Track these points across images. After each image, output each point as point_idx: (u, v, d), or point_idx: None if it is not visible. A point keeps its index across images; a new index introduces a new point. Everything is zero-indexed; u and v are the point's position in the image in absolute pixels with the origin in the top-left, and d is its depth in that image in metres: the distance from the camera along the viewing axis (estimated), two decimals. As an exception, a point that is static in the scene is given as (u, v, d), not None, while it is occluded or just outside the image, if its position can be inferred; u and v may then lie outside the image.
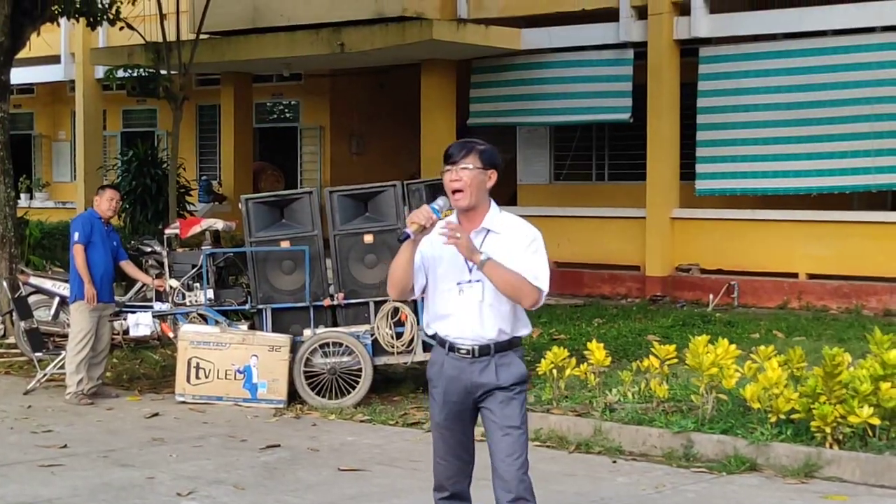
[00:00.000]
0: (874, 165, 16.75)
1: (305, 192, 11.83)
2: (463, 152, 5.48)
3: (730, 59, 18.37)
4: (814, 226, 17.44)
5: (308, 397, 11.24)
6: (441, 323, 5.57)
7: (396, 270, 5.49)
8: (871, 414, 8.14)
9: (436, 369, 5.63)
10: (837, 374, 8.38)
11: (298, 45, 20.23)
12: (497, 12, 20.52)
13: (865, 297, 16.71)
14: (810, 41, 17.61)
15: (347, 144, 25.67)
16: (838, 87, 17.17)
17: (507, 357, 5.52)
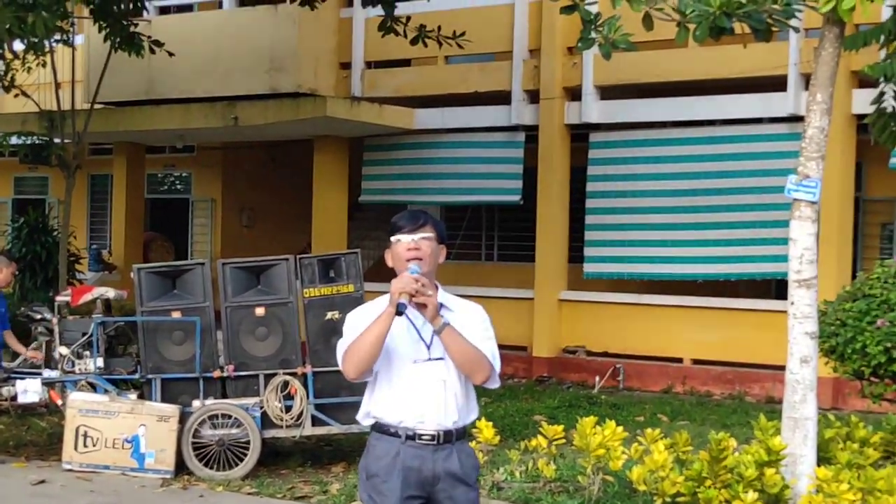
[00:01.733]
0: (759, 254, 17.08)
1: (198, 264, 11.76)
2: (420, 221, 5.25)
3: (619, 144, 18.67)
4: (699, 312, 17.70)
5: (196, 468, 11.11)
6: (394, 408, 5.15)
7: (366, 346, 5.04)
8: (756, 499, 8.20)
9: (385, 462, 5.13)
10: (723, 458, 8.46)
11: (192, 117, 20.17)
12: (391, 91, 20.67)
13: (749, 384, 16.96)
14: (699, 130, 17.99)
15: (238, 217, 25.56)
16: (725, 176, 17.53)
17: (465, 445, 5.27)
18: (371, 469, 5.18)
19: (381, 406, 5.18)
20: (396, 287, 5.02)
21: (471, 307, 5.33)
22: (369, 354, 5.05)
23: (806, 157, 8.85)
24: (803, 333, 8.82)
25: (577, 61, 18.72)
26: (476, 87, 19.97)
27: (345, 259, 11.59)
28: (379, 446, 5.18)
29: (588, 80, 18.62)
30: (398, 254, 5.24)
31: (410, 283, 5.02)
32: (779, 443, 8.54)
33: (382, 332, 5.03)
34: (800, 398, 8.82)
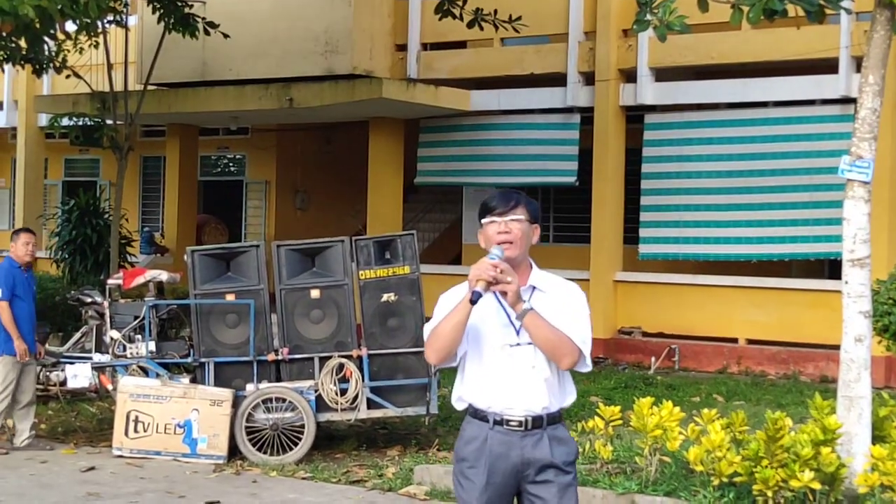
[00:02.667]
0: (812, 234, 17.03)
1: (252, 246, 11.82)
2: (511, 203, 5.07)
3: (674, 126, 18.64)
4: (753, 292, 17.66)
5: (249, 453, 11.17)
6: (483, 393, 5.04)
7: (446, 333, 4.93)
8: (812, 478, 8.21)
9: (474, 447, 5.03)
10: (779, 438, 8.46)
11: (246, 99, 20.27)
12: (447, 73, 20.69)
13: (803, 364, 16.91)
14: (752, 111, 17.96)
15: (292, 199, 25.70)
16: (778, 157, 17.49)
17: (559, 430, 5.07)
18: (460, 453, 5.09)
19: (471, 390, 5.07)
20: (473, 274, 4.89)
21: (565, 287, 5.13)
22: (449, 341, 4.94)
23: (859, 138, 8.84)
24: (857, 313, 8.83)
25: (632, 43, 18.68)
26: (532, 69, 19.96)
27: (400, 240, 11.62)
28: (469, 430, 5.08)
29: (643, 61, 18.60)
30: (489, 236, 5.09)
31: (488, 270, 4.86)
32: (834, 422, 8.54)
33: (461, 321, 4.89)
34: (854, 377, 8.83)
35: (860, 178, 8.84)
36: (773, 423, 8.46)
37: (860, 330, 8.84)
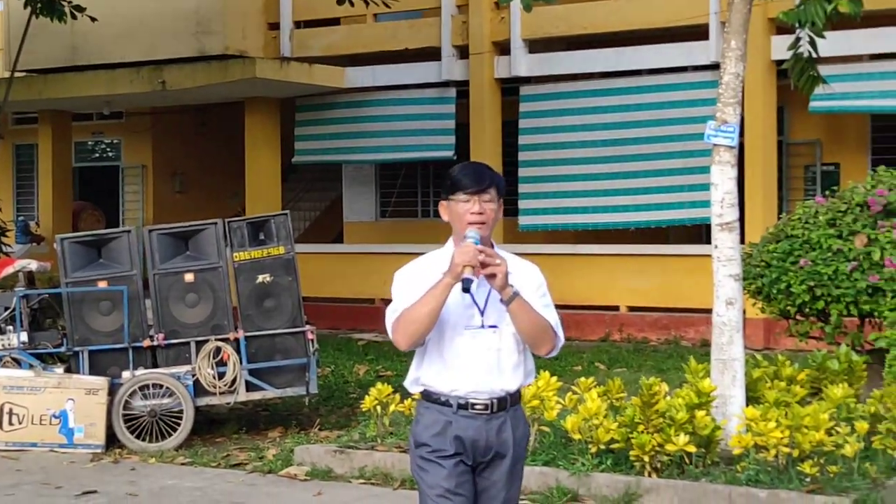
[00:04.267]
0: (688, 200, 17.24)
1: (124, 232, 11.61)
2: (486, 182, 4.81)
3: (549, 97, 18.75)
4: (633, 260, 17.83)
5: (127, 441, 11.02)
6: (446, 376, 4.81)
7: (422, 318, 4.68)
8: (688, 442, 8.31)
9: (435, 431, 4.84)
10: (654, 403, 8.54)
11: (118, 83, 19.97)
12: (320, 51, 20.57)
13: (684, 329, 17.12)
14: (625, 80, 18.15)
15: (170, 183, 25.39)
16: (652, 125, 17.69)
17: (519, 410, 4.97)
18: (420, 438, 4.88)
19: (431, 374, 4.84)
20: (460, 260, 4.62)
21: (527, 268, 4.94)
22: (425, 327, 4.70)
23: (723, 103, 8.94)
24: (727, 276, 8.94)
25: (505, 15, 18.74)
26: (406, 44, 19.95)
27: (274, 221, 11.52)
28: (428, 415, 4.87)
29: (516, 33, 18.69)
30: (458, 213, 4.80)
31: (475, 255, 4.63)
32: (708, 385, 8.65)
33: (439, 305, 4.67)
34: (727, 340, 8.94)
35: (726, 143, 8.93)
36: (647, 389, 8.54)
37: (731, 293, 8.95)
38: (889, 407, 8.57)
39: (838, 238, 9.92)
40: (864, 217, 9.93)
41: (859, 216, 9.96)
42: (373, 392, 9.90)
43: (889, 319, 8.57)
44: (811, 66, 10.54)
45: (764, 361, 9.88)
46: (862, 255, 9.71)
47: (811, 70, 10.51)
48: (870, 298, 9.69)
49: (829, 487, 7.89)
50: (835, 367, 9.67)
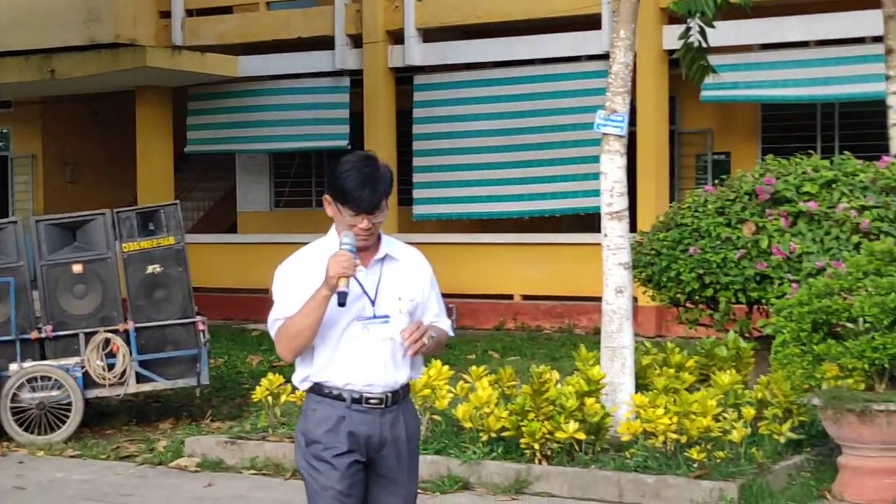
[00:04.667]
0: (581, 189, 17.36)
1: (10, 222, 11.42)
2: (377, 197, 4.62)
3: (443, 86, 18.78)
4: (527, 248, 17.91)
5: (15, 434, 10.83)
6: (338, 371, 4.66)
7: (305, 332, 4.58)
8: (577, 429, 8.37)
9: (327, 427, 4.67)
10: (545, 391, 8.58)
11: (6, 71, 19.61)
12: (213, 39, 20.39)
13: (577, 317, 17.24)
14: (519, 69, 18.23)
15: (61, 173, 24.95)
16: (546, 114, 17.78)
17: (409, 404, 4.88)
18: (311, 435, 4.70)
19: (321, 369, 4.69)
20: (335, 272, 4.49)
21: (415, 256, 4.87)
22: (308, 340, 4.61)
23: (612, 93, 9.00)
24: (617, 264, 9.01)
25: (399, 4, 18.72)
26: (299, 33, 19.84)
27: (164, 211, 11.41)
28: (320, 410, 4.70)
29: (410, 22, 18.66)
30: (346, 223, 4.64)
31: (351, 265, 4.52)
32: (598, 372, 8.71)
33: (320, 317, 4.55)
34: (616, 328, 9.01)
35: (615, 132, 8.99)
36: (538, 377, 8.58)
37: (620, 281, 9.02)
38: (775, 393, 8.70)
39: (727, 226, 10.02)
40: (752, 205, 10.04)
41: (748, 205, 10.06)
42: (264, 383, 9.83)
43: (776, 306, 8.67)
44: (702, 56, 10.67)
45: (653, 349, 9.97)
46: (750, 243, 9.82)
47: (702, 59, 10.63)
48: (757, 286, 9.81)
49: (715, 473, 7.99)
50: (723, 353, 9.78)
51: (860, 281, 8.23)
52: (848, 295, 8.19)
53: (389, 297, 4.72)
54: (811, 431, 8.80)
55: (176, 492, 8.92)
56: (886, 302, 7.81)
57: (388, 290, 4.72)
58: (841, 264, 8.86)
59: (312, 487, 4.71)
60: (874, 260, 8.43)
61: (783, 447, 8.54)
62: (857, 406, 7.83)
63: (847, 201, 9.70)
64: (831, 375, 8.22)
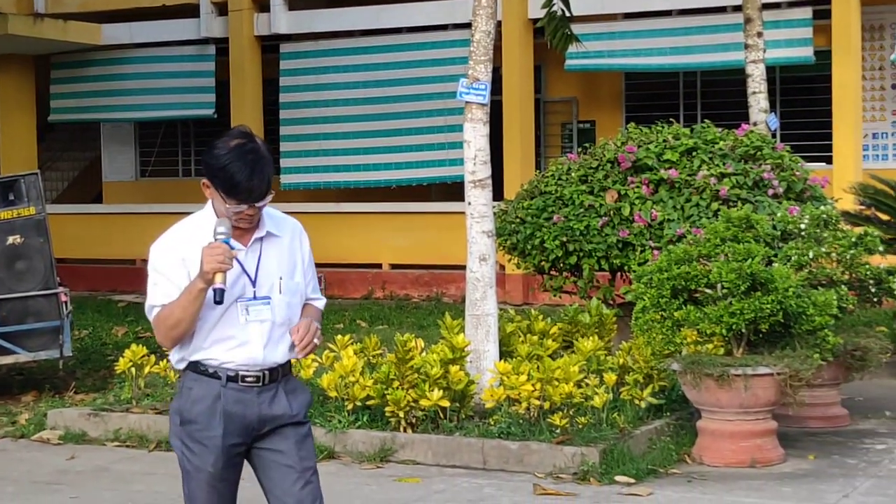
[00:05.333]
0: (448, 158, 17.42)
1: None
2: (265, 185, 4.47)
3: (309, 55, 18.70)
4: (395, 217, 17.93)
5: None
6: (217, 349, 4.54)
7: (183, 324, 4.46)
8: (442, 397, 8.40)
9: (203, 407, 4.53)
10: (409, 359, 8.60)
11: None
12: (76, 7, 20.05)
13: (445, 286, 17.31)
14: (387, 38, 18.22)
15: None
16: (413, 83, 17.81)
17: (293, 381, 4.71)
18: (186, 414, 4.55)
19: (198, 347, 4.56)
20: (210, 267, 4.35)
21: (296, 232, 4.72)
22: (186, 330, 4.48)
23: (475, 61, 9.03)
24: (481, 232, 9.04)
25: (265, -29, 18.55)
26: (163, 1, 19.60)
27: (24, 181, 11.16)
28: (196, 389, 4.55)
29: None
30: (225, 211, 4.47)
31: (227, 259, 4.36)
32: (462, 340, 8.75)
33: (198, 309, 4.43)
34: (480, 295, 9.05)
35: (478, 101, 9.01)
36: (402, 346, 8.60)
37: (484, 249, 9.06)
38: (636, 358, 8.83)
39: (590, 194, 10.12)
40: (614, 173, 10.15)
41: (610, 172, 10.18)
42: (127, 354, 9.70)
43: (636, 273, 8.80)
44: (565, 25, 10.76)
45: (517, 316, 10.04)
46: (612, 210, 9.93)
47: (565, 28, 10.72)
48: (620, 253, 9.93)
49: (578, 438, 8.09)
50: (586, 320, 9.89)
51: (718, 247, 8.38)
52: (706, 261, 8.34)
53: (270, 277, 4.60)
54: (671, 396, 8.94)
55: (38, 465, 8.78)
56: (743, 268, 7.96)
57: (269, 270, 4.60)
58: (701, 231, 9.02)
59: (185, 467, 4.61)
60: (731, 227, 8.60)
61: (644, 412, 8.67)
62: (716, 371, 7.99)
63: (707, 169, 9.87)
64: (691, 341, 8.38)
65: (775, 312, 7.93)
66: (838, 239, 9.00)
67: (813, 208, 9.32)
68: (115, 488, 8.10)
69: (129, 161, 21.99)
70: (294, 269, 4.66)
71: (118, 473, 8.47)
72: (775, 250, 8.88)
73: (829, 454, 8.60)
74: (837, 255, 8.96)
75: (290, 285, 4.64)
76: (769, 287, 7.96)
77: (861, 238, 9.06)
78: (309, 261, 4.76)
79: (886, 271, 9.15)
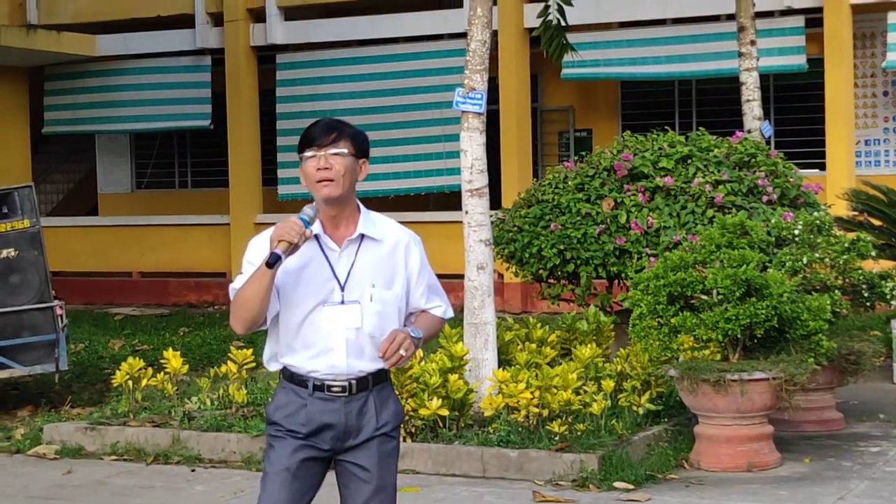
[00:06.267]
0: (445, 167, 17.42)
1: None
2: (334, 134, 4.38)
3: (306, 65, 18.72)
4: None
5: None
6: (301, 356, 4.43)
7: (251, 301, 4.31)
8: (441, 405, 8.41)
9: (289, 412, 4.45)
10: (408, 368, 8.61)
11: None
12: (70, 18, 20.05)
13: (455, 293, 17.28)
14: (383, 48, 18.25)
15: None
16: (410, 93, 17.83)
17: (385, 390, 4.54)
18: (272, 416, 4.50)
19: (286, 351, 4.46)
20: (276, 233, 4.26)
21: (402, 240, 4.55)
22: (255, 311, 4.34)
23: (471, 70, 9.05)
24: (478, 241, 9.06)
25: (263, -18, 18.58)
26: (158, 11, 19.61)
27: (18, 193, 11.16)
28: (282, 395, 4.50)
29: (272, 1, 18.54)
30: (307, 173, 4.40)
31: (294, 232, 4.25)
32: (461, 348, 8.77)
33: (265, 287, 4.28)
34: (479, 304, 9.07)
35: (474, 110, 9.03)
36: (400, 355, 8.58)
37: (481, 258, 9.07)
38: (634, 365, 8.85)
39: (587, 202, 10.13)
40: (611, 181, 10.17)
41: (606, 180, 10.19)
42: (124, 367, 9.70)
43: (633, 280, 8.81)
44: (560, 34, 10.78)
45: (516, 324, 10.06)
46: (609, 218, 9.95)
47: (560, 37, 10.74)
48: (617, 260, 9.94)
49: (576, 445, 8.10)
50: (584, 327, 9.92)
51: (713, 254, 8.41)
52: (702, 268, 8.36)
53: (362, 283, 4.43)
54: (669, 402, 8.97)
55: (34, 480, 8.76)
56: (738, 274, 7.98)
57: (361, 275, 4.43)
58: (697, 238, 9.04)
59: (266, 470, 4.51)
60: (726, 233, 8.62)
61: (642, 418, 8.69)
62: (712, 376, 8.01)
63: (702, 176, 9.89)
64: (688, 347, 8.40)
65: (770, 318, 7.96)
66: (832, 244, 9.03)
67: (806, 214, 9.36)
68: (113, 502, 8.10)
69: (125, 173, 21.99)
70: (393, 279, 4.48)
71: (116, 487, 8.46)
72: (770, 256, 8.91)
73: (824, 457, 8.65)
74: (831, 260, 8.99)
75: (383, 295, 4.47)
76: (764, 293, 7.99)
77: (854, 243, 9.09)
78: (419, 273, 4.54)
79: (879, 276, 9.20)
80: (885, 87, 17.23)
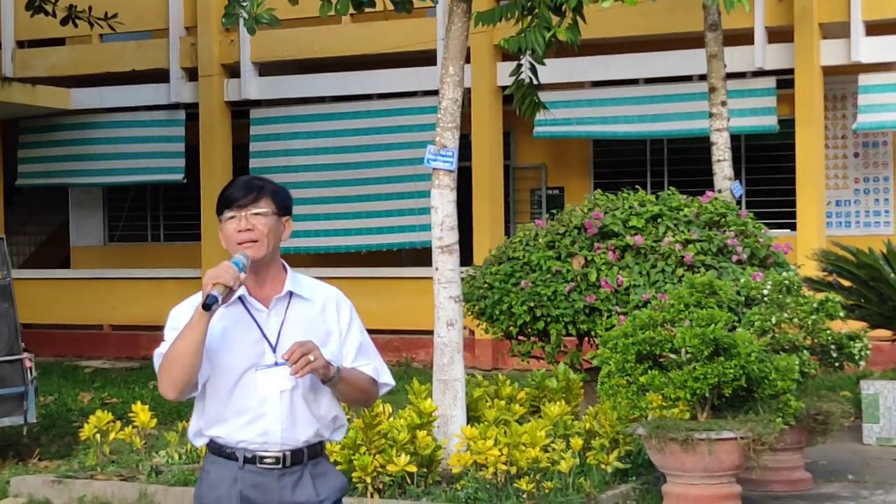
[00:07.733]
0: (418, 223, 17.46)
1: None
2: (254, 193, 4.19)
3: (280, 120, 18.81)
4: (365, 283, 17.93)
5: None
6: (232, 424, 4.16)
7: (184, 357, 4.01)
8: (409, 462, 8.40)
9: (220, 492, 4.16)
10: (377, 424, 8.62)
11: None
12: (45, 71, 20.10)
13: (415, 350, 17.32)
14: (356, 104, 18.36)
15: None
16: (383, 149, 17.93)
17: (322, 465, 4.27)
18: (203, 499, 4.19)
19: (213, 422, 4.19)
20: (210, 276, 3.99)
21: (332, 295, 4.36)
22: (187, 368, 4.03)
23: (442, 128, 9.13)
24: (448, 297, 9.09)
25: (234, 38, 18.65)
26: (133, 66, 19.68)
27: (-10, 246, 11.17)
28: (213, 472, 4.19)
29: (246, 56, 18.65)
30: (228, 236, 4.20)
31: (229, 274, 4.00)
32: (429, 405, 8.78)
33: (198, 338, 4.00)
34: (448, 360, 9.09)
35: (445, 167, 9.10)
36: (370, 411, 8.60)
37: (451, 314, 9.10)
38: (602, 423, 8.87)
39: (557, 260, 10.19)
40: (581, 239, 10.23)
41: (577, 238, 10.25)
42: (92, 420, 9.66)
43: (602, 338, 8.85)
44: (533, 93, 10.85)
45: (485, 381, 10.07)
46: (579, 276, 10.00)
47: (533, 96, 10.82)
48: (587, 318, 9.99)
49: (544, 503, 8.09)
50: (553, 385, 9.93)
51: (682, 313, 8.45)
52: (671, 327, 8.40)
53: (293, 341, 4.12)
54: (637, 461, 8.97)
55: (0, 533, 8.73)
56: (706, 333, 8.02)
57: (293, 335, 4.15)
58: (666, 296, 9.09)
59: None
60: (695, 292, 8.66)
61: (610, 476, 8.70)
62: (680, 435, 8.03)
63: (672, 235, 9.96)
64: (656, 405, 8.42)
65: (738, 377, 7.99)
66: (801, 304, 9.09)
67: (776, 274, 9.43)
68: (80, 555, 8.05)
69: (98, 226, 21.96)
70: (327, 339, 4.24)
71: (82, 540, 8.42)
72: (739, 316, 8.96)
73: (793, 519, 8.66)
74: (800, 320, 9.05)
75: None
76: (732, 352, 8.02)
77: (823, 304, 9.16)
78: (347, 331, 4.31)
79: (848, 336, 9.26)
80: (855, 148, 17.40)
